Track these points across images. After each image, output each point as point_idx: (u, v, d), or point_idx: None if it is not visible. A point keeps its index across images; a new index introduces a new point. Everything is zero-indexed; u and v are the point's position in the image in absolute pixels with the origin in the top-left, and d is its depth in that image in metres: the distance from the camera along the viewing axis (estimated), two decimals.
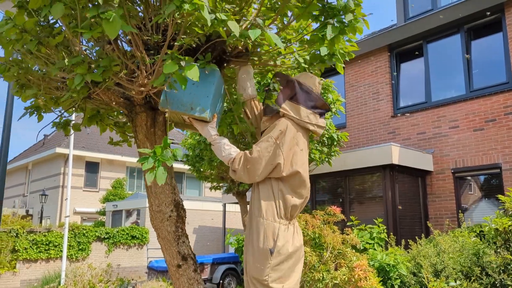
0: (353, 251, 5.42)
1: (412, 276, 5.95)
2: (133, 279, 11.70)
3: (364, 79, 11.11)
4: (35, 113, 2.85)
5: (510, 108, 8.48)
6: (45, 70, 2.54)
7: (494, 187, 8.69)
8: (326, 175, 9.49)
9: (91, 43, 2.50)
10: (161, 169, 1.99)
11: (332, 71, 11.33)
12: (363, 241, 6.79)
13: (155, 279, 10.16)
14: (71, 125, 3.14)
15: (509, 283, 5.16)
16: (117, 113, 3.24)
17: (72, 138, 11.55)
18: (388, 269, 5.86)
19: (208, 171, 9.49)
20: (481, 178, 9.04)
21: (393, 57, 10.70)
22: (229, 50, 2.60)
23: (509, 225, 5.48)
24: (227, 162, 2.49)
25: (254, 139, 2.62)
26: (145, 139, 2.68)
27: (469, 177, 9.12)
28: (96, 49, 2.48)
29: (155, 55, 2.33)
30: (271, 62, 3.01)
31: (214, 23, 2.04)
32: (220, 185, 10.56)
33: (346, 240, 5.36)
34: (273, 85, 2.84)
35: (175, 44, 2.16)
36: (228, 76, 3.16)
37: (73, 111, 3.03)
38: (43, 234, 14.12)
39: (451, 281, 5.38)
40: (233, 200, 12.77)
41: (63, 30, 2.26)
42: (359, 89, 11.19)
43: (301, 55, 2.98)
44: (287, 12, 2.64)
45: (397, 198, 8.52)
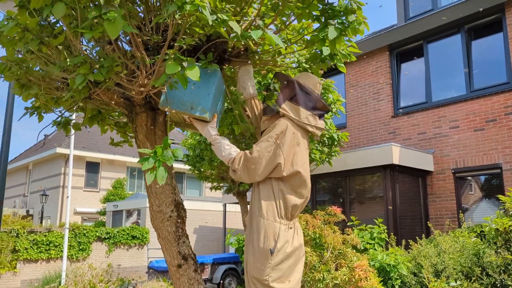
0: (354, 251, 5.42)
1: (412, 276, 5.95)
2: (133, 279, 11.70)
3: (364, 79, 11.10)
4: (36, 113, 2.85)
5: (510, 108, 8.48)
6: (46, 69, 2.54)
7: (494, 187, 8.69)
8: (326, 175, 9.49)
9: (91, 43, 2.50)
10: (161, 170, 1.99)
11: (332, 71, 11.34)
12: (363, 241, 6.79)
13: (156, 279, 10.16)
14: (71, 124, 3.14)
15: (509, 283, 5.16)
16: (118, 113, 3.24)
17: (72, 138, 11.56)
18: (388, 269, 5.86)
19: (208, 171, 9.49)
20: (482, 178, 9.04)
21: (394, 57, 10.70)
22: (229, 50, 2.60)
23: (509, 225, 5.47)
24: (227, 162, 2.49)
25: (254, 138, 2.62)
26: (145, 139, 2.68)
27: (470, 177, 9.11)
28: (96, 49, 2.48)
29: (155, 55, 2.33)
30: (271, 61, 3.01)
31: (215, 23, 2.04)
32: (220, 185, 10.56)
33: (346, 240, 5.36)
34: (273, 85, 2.84)
35: (175, 44, 2.16)
36: (228, 76, 3.16)
37: (73, 111, 3.03)
38: (44, 234, 14.13)
39: (452, 281, 5.37)
40: (234, 200, 12.77)
41: (64, 30, 2.26)
42: (359, 89, 11.20)
43: (302, 54, 2.98)
44: (287, 12, 2.64)
45: (398, 198, 8.51)
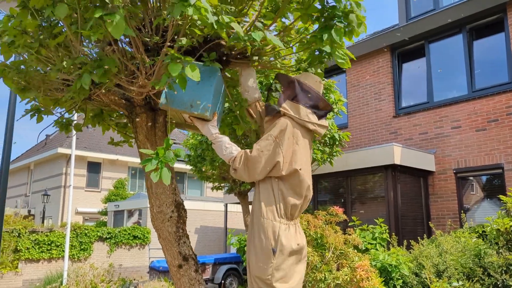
0: (355, 251, 5.41)
1: (414, 276, 5.94)
2: (135, 279, 11.71)
3: (366, 79, 11.10)
4: (36, 114, 2.85)
5: None
6: (45, 71, 2.54)
7: (496, 187, 8.67)
8: (328, 175, 9.49)
9: (91, 43, 2.50)
10: (165, 170, 2.00)
11: (333, 71, 11.33)
12: (365, 242, 6.78)
13: (157, 279, 10.17)
14: (72, 125, 3.15)
15: (511, 283, 5.14)
16: (118, 114, 3.24)
17: (74, 138, 11.58)
18: (390, 270, 5.85)
19: (209, 171, 9.51)
20: (483, 178, 9.02)
21: (395, 57, 10.69)
22: (227, 51, 2.60)
23: (510, 226, 5.46)
24: (228, 160, 2.50)
25: (258, 138, 2.63)
26: (146, 140, 2.69)
27: (471, 177, 9.09)
28: (96, 50, 2.48)
29: (155, 56, 2.33)
30: (271, 64, 3.01)
31: (217, 24, 2.04)
32: (221, 185, 10.57)
33: (348, 240, 5.36)
34: (275, 85, 2.84)
35: (175, 45, 2.16)
36: (228, 77, 3.16)
37: (73, 112, 3.03)
38: (45, 234, 14.16)
39: (454, 282, 5.36)
40: (235, 200, 12.77)
41: (64, 30, 2.26)
42: (361, 89, 11.19)
43: (301, 56, 2.97)
44: (287, 13, 2.64)
45: (399, 198, 8.50)
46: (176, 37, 2.23)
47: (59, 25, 2.33)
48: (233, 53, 2.65)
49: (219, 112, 2.62)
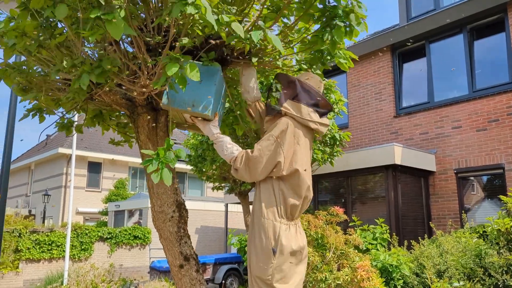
0: (356, 251, 5.41)
1: (415, 276, 5.94)
2: (135, 279, 11.71)
3: (366, 79, 11.09)
4: (37, 114, 2.86)
5: None
6: (47, 71, 2.54)
7: (497, 188, 8.66)
8: (328, 175, 9.49)
9: (92, 44, 2.50)
10: (166, 171, 1.99)
11: (334, 71, 11.32)
12: (365, 242, 6.77)
13: (158, 279, 10.17)
14: (74, 126, 3.15)
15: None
16: (119, 114, 3.25)
17: (74, 138, 11.59)
18: (391, 270, 5.85)
19: (210, 171, 9.50)
20: (484, 178, 9.02)
21: (396, 57, 10.68)
22: (229, 51, 2.60)
23: (511, 226, 5.46)
24: (229, 160, 2.50)
25: (257, 138, 2.63)
26: (147, 139, 2.69)
27: (472, 178, 9.09)
28: (97, 50, 2.48)
29: (157, 56, 2.33)
30: (272, 64, 3.01)
31: (217, 24, 2.04)
32: (222, 185, 10.57)
33: (348, 240, 5.35)
34: (275, 85, 2.84)
35: (177, 45, 2.16)
36: (229, 77, 3.16)
37: (74, 112, 3.03)
38: (46, 234, 14.16)
39: (455, 282, 5.36)
40: (235, 200, 12.77)
41: (65, 31, 2.26)
42: (361, 89, 11.18)
43: (303, 58, 2.97)
44: (288, 13, 2.64)
45: (400, 198, 8.50)
46: (178, 37, 2.23)
47: (60, 25, 2.33)
48: (235, 53, 2.65)
49: (220, 112, 2.62)
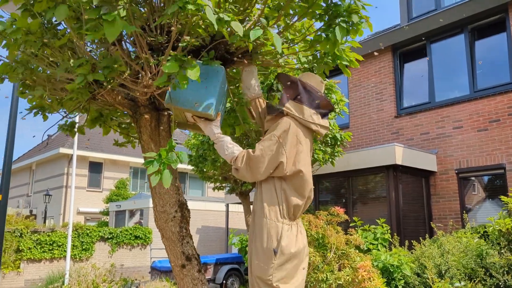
0: (357, 251, 5.41)
1: (416, 277, 5.94)
2: (136, 279, 11.71)
3: (367, 79, 11.09)
4: (40, 113, 2.86)
5: None
6: (48, 72, 2.55)
7: (498, 188, 8.66)
8: (329, 176, 9.48)
9: (94, 44, 2.51)
10: (167, 172, 1.99)
11: (335, 71, 11.31)
12: (366, 242, 6.77)
13: (159, 279, 10.18)
14: (76, 127, 3.16)
15: None
16: (120, 114, 3.25)
17: (76, 138, 11.59)
18: (392, 270, 5.85)
19: (211, 172, 9.50)
20: (485, 178, 9.01)
21: (397, 57, 10.68)
22: (232, 50, 2.60)
23: None
24: (229, 160, 2.49)
25: (258, 138, 2.63)
26: (150, 139, 2.69)
27: (473, 178, 9.09)
28: (100, 50, 2.49)
29: (159, 56, 2.33)
30: (274, 63, 3.01)
31: (218, 23, 2.05)
32: (223, 185, 10.56)
33: (349, 240, 5.35)
34: (276, 85, 2.84)
35: (179, 45, 2.16)
36: (231, 76, 3.16)
37: (77, 113, 3.04)
38: (47, 234, 14.18)
39: (456, 282, 5.36)
40: (236, 200, 12.78)
41: (67, 32, 2.27)
42: (362, 89, 11.18)
43: (304, 55, 2.97)
44: (290, 11, 2.64)
45: (401, 198, 8.50)
46: (180, 37, 2.23)
47: (63, 26, 2.34)
48: (236, 52, 2.66)
49: (222, 112, 2.62)
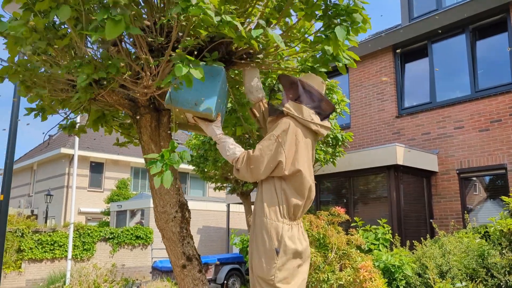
0: (358, 251, 5.41)
1: (417, 277, 5.93)
2: (137, 279, 11.73)
3: (368, 79, 11.08)
4: (40, 114, 2.87)
5: None
6: (50, 71, 2.55)
7: (499, 188, 8.65)
8: (330, 176, 9.48)
9: (95, 44, 2.51)
10: (168, 173, 1.99)
11: (336, 72, 11.30)
12: (368, 242, 6.77)
13: (160, 279, 10.17)
14: (77, 127, 3.16)
15: None
16: (123, 116, 3.25)
17: (77, 138, 11.60)
18: (393, 270, 5.84)
19: (212, 172, 9.50)
20: (487, 178, 9.00)
21: (398, 57, 10.67)
22: (233, 51, 2.60)
23: None
24: (231, 161, 2.50)
25: (259, 139, 2.63)
26: (150, 140, 2.69)
27: (474, 178, 9.07)
28: (100, 51, 2.49)
29: (159, 57, 2.33)
30: (275, 64, 3.01)
31: (219, 24, 2.05)
32: (224, 185, 10.57)
33: (351, 240, 5.35)
34: (277, 86, 2.84)
35: (179, 46, 2.16)
36: (231, 77, 3.16)
37: (78, 113, 3.04)
38: (48, 234, 14.20)
39: (457, 282, 5.35)
40: (237, 200, 12.78)
41: (69, 32, 2.27)
42: (363, 89, 11.18)
43: (305, 58, 2.98)
44: (290, 13, 2.64)
45: (402, 198, 8.49)
46: (180, 38, 2.23)
47: (64, 26, 2.34)
48: (238, 53, 2.66)
49: (222, 112, 2.62)
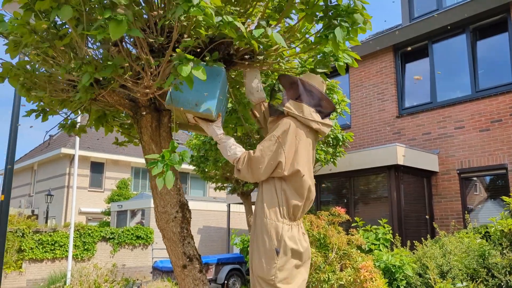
0: (359, 251, 5.41)
1: (418, 277, 5.93)
2: (138, 279, 11.73)
3: (369, 79, 11.08)
4: (41, 114, 2.87)
5: None
6: (50, 72, 2.55)
7: (500, 188, 8.64)
8: (331, 176, 9.48)
9: (96, 45, 2.51)
10: (169, 174, 1.99)
11: (337, 72, 11.30)
12: (368, 242, 6.76)
13: (160, 279, 10.17)
14: (77, 127, 3.16)
15: None
16: (124, 116, 3.25)
17: (77, 138, 11.60)
18: (394, 270, 5.84)
19: (213, 172, 9.50)
20: (487, 178, 9.00)
21: (398, 57, 10.67)
22: (233, 52, 2.60)
23: None
24: (232, 161, 2.50)
25: (260, 139, 2.63)
26: (150, 140, 2.69)
27: (475, 178, 9.07)
28: (101, 51, 2.49)
29: (160, 57, 2.33)
30: (276, 64, 3.01)
31: (220, 25, 2.05)
32: (224, 185, 10.57)
33: (351, 240, 5.35)
34: (278, 86, 2.84)
35: (180, 46, 2.16)
36: (232, 78, 3.16)
37: (78, 113, 3.05)
38: (49, 234, 14.20)
39: (458, 283, 5.35)
40: (238, 200, 12.78)
41: (69, 32, 2.27)
42: (364, 89, 11.17)
43: (306, 60, 2.98)
44: (291, 14, 2.64)
45: (402, 198, 8.49)
46: (181, 38, 2.23)
47: (65, 26, 2.34)
48: (238, 54, 2.66)
49: (223, 112, 2.62)
